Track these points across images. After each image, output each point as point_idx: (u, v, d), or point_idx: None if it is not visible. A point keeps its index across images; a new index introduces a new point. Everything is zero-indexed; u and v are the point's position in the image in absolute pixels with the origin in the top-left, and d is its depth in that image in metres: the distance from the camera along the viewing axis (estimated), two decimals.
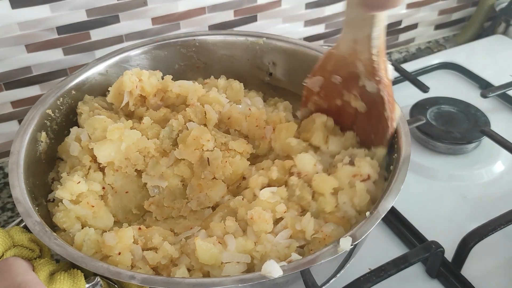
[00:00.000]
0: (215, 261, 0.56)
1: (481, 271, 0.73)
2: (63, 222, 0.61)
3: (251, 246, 0.58)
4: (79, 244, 0.58)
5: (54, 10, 0.84)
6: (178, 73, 0.84)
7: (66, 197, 0.62)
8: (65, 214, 0.61)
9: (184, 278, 0.54)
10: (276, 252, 0.57)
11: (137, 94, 0.74)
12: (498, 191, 0.87)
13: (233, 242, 0.58)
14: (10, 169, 0.61)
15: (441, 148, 0.94)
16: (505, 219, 0.73)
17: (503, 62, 1.21)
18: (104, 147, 0.66)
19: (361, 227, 0.55)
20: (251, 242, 0.58)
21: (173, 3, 0.94)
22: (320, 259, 0.51)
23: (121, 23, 0.92)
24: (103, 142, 0.66)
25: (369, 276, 0.62)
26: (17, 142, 0.64)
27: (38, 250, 0.56)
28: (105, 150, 0.66)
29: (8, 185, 0.77)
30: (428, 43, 1.34)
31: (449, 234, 0.75)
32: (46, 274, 0.52)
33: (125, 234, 0.58)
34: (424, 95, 1.01)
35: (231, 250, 0.57)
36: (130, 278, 0.50)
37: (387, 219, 0.81)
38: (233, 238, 0.59)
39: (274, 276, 0.49)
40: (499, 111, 1.06)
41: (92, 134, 0.68)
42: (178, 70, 0.85)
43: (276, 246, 0.58)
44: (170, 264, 0.58)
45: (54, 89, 0.72)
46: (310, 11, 1.10)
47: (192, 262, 0.57)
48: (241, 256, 0.57)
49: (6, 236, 0.53)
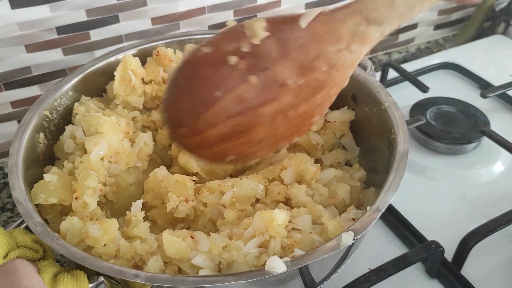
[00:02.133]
0: (182, 255, 0.55)
1: (481, 271, 0.73)
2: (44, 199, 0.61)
3: (220, 248, 0.56)
4: (64, 233, 0.57)
5: (54, 10, 0.84)
6: None
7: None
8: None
9: (188, 276, 0.54)
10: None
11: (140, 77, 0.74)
12: (498, 191, 0.87)
13: (205, 240, 0.57)
14: (10, 170, 0.61)
15: (440, 148, 0.94)
16: (505, 219, 0.73)
17: (502, 62, 1.21)
18: (95, 140, 0.65)
19: (362, 222, 0.55)
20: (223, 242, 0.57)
21: (173, 3, 0.94)
22: (322, 254, 0.52)
23: (121, 23, 0.92)
24: (94, 136, 0.66)
25: (369, 276, 0.63)
26: (16, 143, 0.64)
27: (42, 251, 0.56)
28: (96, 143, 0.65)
29: (7, 185, 0.77)
30: (428, 43, 1.34)
31: (449, 234, 0.75)
32: (50, 276, 0.52)
33: (110, 226, 0.57)
34: (423, 95, 1.01)
35: (202, 249, 0.56)
36: (134, 276, 0.50)
37: (387, 219, 0.81)
38: (204, 236, 0.58)
39: (278, 271, 0.49)
40: (499, 111, 1.06)
41: (88, 130, 0.67)
42: None
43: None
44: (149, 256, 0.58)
45: (51, 90, 0.72)
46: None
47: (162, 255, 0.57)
48: (207, 262, 0.56)
49: (9, 237, 0.53)
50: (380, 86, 0.72)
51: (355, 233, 0.53)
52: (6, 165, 0.77)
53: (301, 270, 0.53)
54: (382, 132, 0.69)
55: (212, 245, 0.56)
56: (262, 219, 0.56)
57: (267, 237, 0.56)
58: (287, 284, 0.56)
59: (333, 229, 0.57)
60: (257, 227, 0.57)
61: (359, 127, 0.76)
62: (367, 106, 0.74)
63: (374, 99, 0.71)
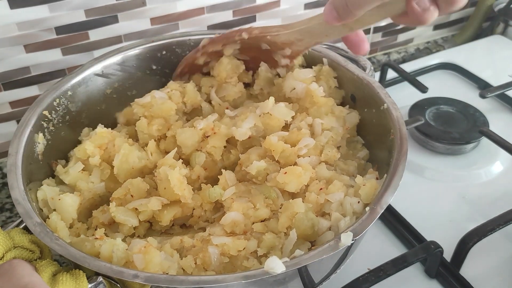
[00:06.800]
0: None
1: (480, 271, 0.74)
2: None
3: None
4: (109, 256, 0.56)
5: (53, 10, 0.84)
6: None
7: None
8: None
9: (187, 276, 0.54)
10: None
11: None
12: (497, 191, 0.87)
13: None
14: (9, 171, 0.61)
15: (439, 148, 0.94)
16: (504, 219, 0.73)
17: (501, 63, 1.21)
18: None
19: (361, 222, 0.55)
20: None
21: (172, 3, 0.94)
22: (321, 254, 0.52)
23: (120, 23, 0.92)
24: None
25: (368, 276, 0.63)
26: (15, 143, 0.64)
27: (39, 251, 0.55)
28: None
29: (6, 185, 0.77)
30: (427, 44, 1.34)
31: (448, 234, 0.75)
32: (49, 275, 0.52)
33: (152, 260, 0.56)
34: (422, 96, 1.01)
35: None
36: (134, 277, 0.50)
37: (386, 219, 0.81)
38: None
39: (277, 272, 0.49)
40: (498, 111, 1.06)
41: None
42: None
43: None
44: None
45: (50, 90, 0.72)
46: (309, 12, 1.10)
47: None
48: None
49: (6, 237, 0.53)
50: (379, 87, 0.72)
51: (354, 233, 0.53)
52: (5, 165, 0.77)
53: (300, 270, 0.53)
54: (381, 132, 0.69)
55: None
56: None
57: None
58: (287, 284, 0.56)
59: (369, 189, 0.61)
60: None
61: (358, 127, 0.76)
62: (366, 106, 0.74)
63: (373, 99, 0.71)
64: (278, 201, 0.64)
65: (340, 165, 0.70)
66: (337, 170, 0.70)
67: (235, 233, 0.62)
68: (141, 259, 0.55)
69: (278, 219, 0.62)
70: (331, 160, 0.69)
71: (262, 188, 0.66)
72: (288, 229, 0.60)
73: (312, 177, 0.65)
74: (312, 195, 0.63)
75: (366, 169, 0.71)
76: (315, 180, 0.66)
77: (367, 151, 0.74)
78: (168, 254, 0.58)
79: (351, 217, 0.60)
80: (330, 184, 0.64)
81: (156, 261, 0.55)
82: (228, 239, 0.59)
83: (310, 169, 0.65)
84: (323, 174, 0.67)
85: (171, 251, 0.59)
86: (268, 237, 0.60)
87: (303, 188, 0.65)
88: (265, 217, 0.63)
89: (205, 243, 0.59)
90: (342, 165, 0.70)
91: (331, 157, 0.69)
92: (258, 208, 0.63)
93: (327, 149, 0.69)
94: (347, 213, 0.60)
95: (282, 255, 0.58)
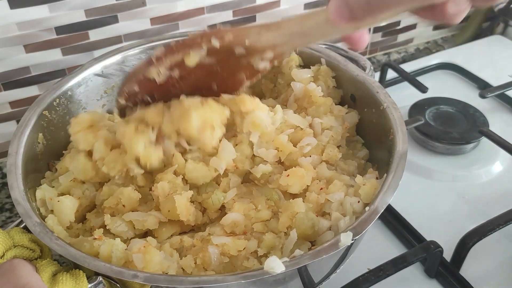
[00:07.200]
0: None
1: (480, 271, 0.74)
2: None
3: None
4: (108, 256, 0.56)
5: (53, 10, 0.84)
6: None
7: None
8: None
9: (187, 276, 0.54)
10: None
11: None
12: (497, 191, 0.87)
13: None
14: (9, 171, 0.61)
15: (439, 149, 0.94)
16: (504, 219, 0.73)
17: (501, 63, 1.21)
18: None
19: (361, 222, 0.55)
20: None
21: (172, 3, 0.94)
22: (321, 254, 0.51)
23: (120, 23, 0.92)
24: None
25: (368, 276, 0.63)
26: (15, 143, 0.64)
27: (39, 251, 0.55)
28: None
29: (6, 185, 0.77)
30: (427, 44, 1.34)
31: (448, 234, 0.76)
32: (49, 275, 0.52)
33: (152, 259, 0.55)
34: (422, 96, 1.01)
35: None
36: (133, 277, 0.50)
37: (386, 219, 0.81)
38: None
39: (276, 272, 0.49)
40: (498, 111, 1.06)
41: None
42: None
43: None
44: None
45: (50, 90, 0.72)
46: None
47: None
48: None
49: (6, 236, 0.53)
50: (379, 87, 0.72)
51: (354, 233, 0.53)
52: (5, 165, 0.77)
53: (300, 270, 0.53)
54: (381, 132, 0.69)
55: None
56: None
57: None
58: (286, 284, 0.56)
59: (369, 189, 0.61)
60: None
61: (358, 127, 0.76)
62: (366, 106, 0.74)
63: (373, 99, 0.71)
64: (280, 202, 0.65)
65: (341, 164, 0.70)
66: (338, 169, 0.70)
67: (235, 233, 0.62)
68: (141, 258, 0.55)
69: (279, 219, 0.62)
70: (333, 159, 0.69)
71: (264, 190, 0.66)
72: (288, 229, 0.60)
73: (313, 177, 0.65)
74: (313, 195, 0.63)
75: (366, 169, 0.71)
76: (316, 180, 0.66)
77: (367, 151, 0.74)
78: (168, 254, 0.58)
79: (351, 217, 0.60)
80: (330, 184, 0.64)
81: (155, 261, 0.55)
82: (228, 239, 0.59)
83: (312, 169, 0.66)
84: (324, 174, 0.67)
85: (171, 251, 0.59)
86: (268, 237, 0.60)
87: (304, 188, 0.65)
88: (267, 218, 0.63)
89: (205, 243, 0.59)
90: (343, 164, 0.70)
91: (333, 156, 0.69)
92: (259, 209, 0.63)
93: (329, 148, 0.69)
94: (347, 213, 0.60)
95: (282, 255, 0.58)
